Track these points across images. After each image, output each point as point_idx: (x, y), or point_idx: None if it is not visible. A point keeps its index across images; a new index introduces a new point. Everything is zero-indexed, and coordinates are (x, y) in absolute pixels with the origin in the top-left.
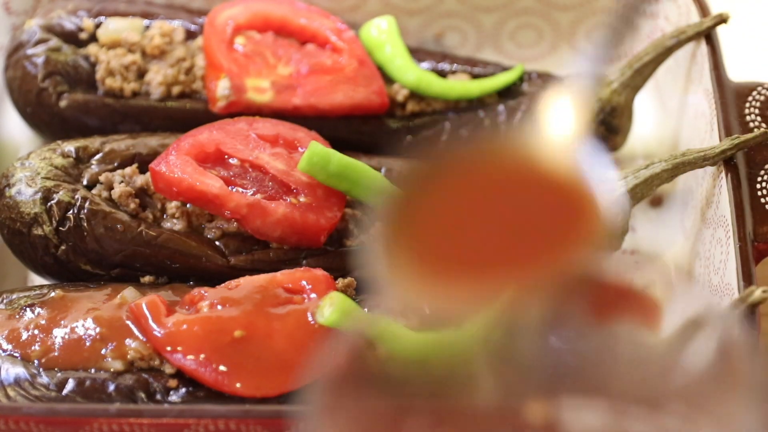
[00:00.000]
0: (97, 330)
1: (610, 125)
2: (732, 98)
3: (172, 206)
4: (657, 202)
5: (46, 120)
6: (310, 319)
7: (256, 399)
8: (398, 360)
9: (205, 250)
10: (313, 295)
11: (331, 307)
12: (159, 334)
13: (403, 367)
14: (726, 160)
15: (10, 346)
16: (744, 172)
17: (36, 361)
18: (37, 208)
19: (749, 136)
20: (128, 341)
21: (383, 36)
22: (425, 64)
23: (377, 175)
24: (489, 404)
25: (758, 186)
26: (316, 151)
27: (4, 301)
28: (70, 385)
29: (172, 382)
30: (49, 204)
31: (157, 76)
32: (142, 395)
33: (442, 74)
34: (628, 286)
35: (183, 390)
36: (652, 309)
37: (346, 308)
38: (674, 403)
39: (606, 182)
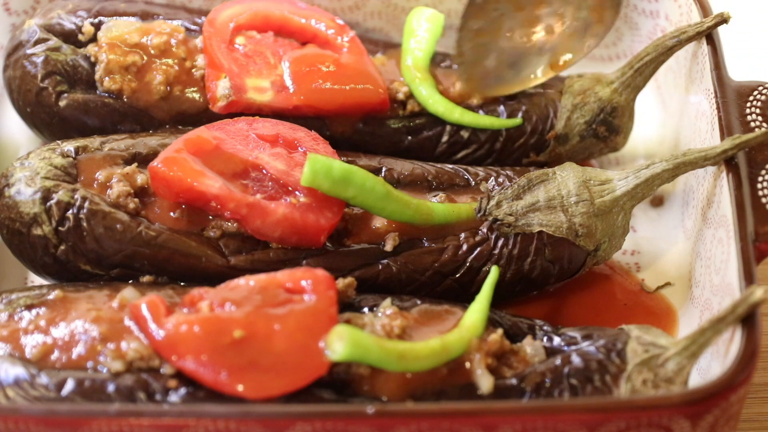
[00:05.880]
0: (97, 330)
1: (611, 125)
2: (733, 98)
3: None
4: (658, 202)
5: (46, 120)
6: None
7: (256, 399)
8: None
9: (205, 250)
10: (313, 296)
11: (341, 342)
12: (158, 335)
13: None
14: (727, 160)
15: (9, 347)
16: (745, 172)
17: (35, 362)
18: (36, 208)
19: (750, 135)
20: (128, 342)
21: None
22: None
23: (379, 180)
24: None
25: (759, 186)
26: (317, 159)
27: (4, 301)
28: (70, 385)
29: (172, 383)
30: (48, 204)
31: (157, 76)
32: (142, 396)
33: None
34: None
35: (183, 390)
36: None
37: (356, 339)
38: None
39: None
